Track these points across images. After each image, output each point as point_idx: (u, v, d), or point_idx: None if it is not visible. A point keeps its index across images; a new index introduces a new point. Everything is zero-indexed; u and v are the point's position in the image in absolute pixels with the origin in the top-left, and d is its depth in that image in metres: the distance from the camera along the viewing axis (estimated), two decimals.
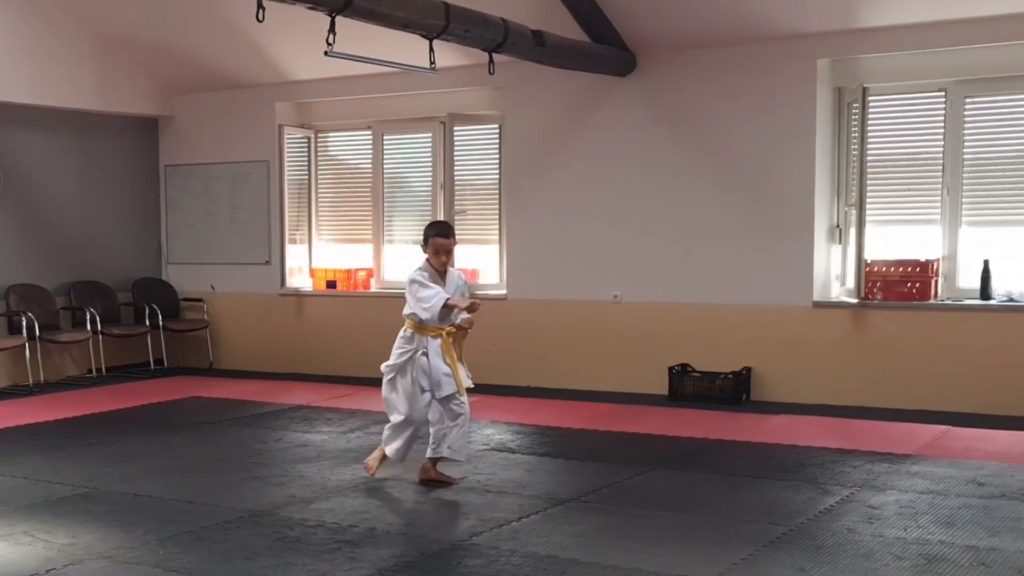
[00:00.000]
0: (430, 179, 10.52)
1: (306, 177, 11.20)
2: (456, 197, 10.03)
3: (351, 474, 6.41)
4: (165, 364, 11.07)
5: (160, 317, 10.93)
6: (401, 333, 6.21)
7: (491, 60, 7.80)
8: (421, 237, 6.29)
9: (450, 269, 6.29)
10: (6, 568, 4.69)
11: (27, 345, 9.79)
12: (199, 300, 11.41)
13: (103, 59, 10.54)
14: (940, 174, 8.45)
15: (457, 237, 9.65)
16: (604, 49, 8.85)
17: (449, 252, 6.24)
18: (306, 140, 11.17)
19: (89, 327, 10.37)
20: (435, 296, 5.99)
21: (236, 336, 11.28)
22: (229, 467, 6.74)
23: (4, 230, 10.20)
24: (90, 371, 10.52)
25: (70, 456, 7.02)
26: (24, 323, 9.79)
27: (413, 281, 6.09)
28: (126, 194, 11.35)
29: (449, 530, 5.22)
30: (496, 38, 7.54)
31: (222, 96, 11.13)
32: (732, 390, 8.77)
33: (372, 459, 6.33)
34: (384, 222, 10.81)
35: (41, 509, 5.68)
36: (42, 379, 9.95)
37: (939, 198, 8.48)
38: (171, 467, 6.73)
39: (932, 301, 8.36)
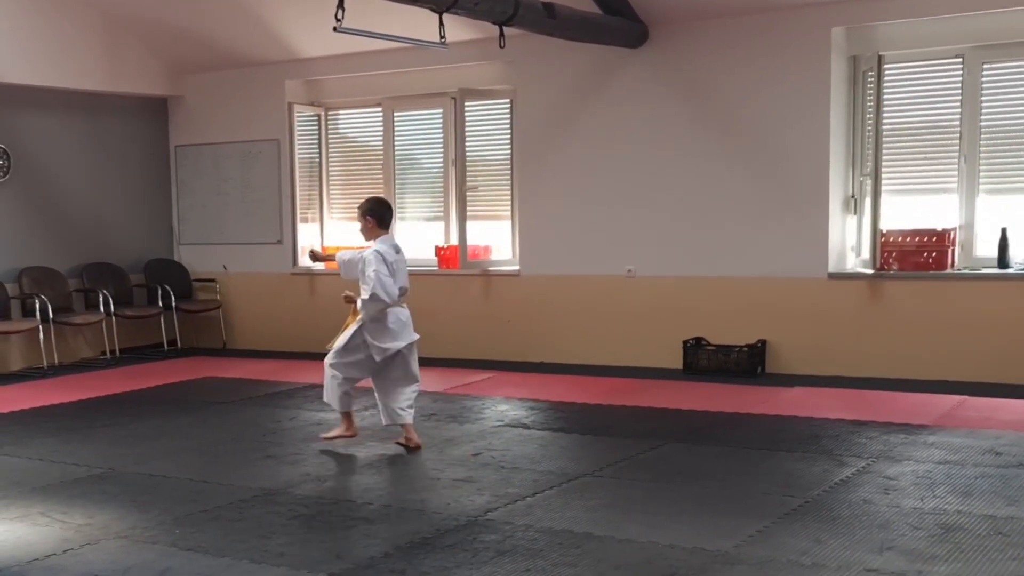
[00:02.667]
0: (441, 155, 10.47)
1: (317, 155, 11.17)
2: (468, 173, 9.98)
3: (365, 452, 6.40)
4: (178, 345, 11.10)
5: (173, 298, 10.95)
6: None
7: (501, 33, 7.73)
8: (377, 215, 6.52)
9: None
10: (24, 548, 4.71)
11: (41, 328, 9.81)
12: (211, 280, 11.42)
13: (111, 39, 10.50)
14: (957, 142, 8.36)
15: (468, 212, 9.85)
16: (616, 21, 8.77)
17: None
18: (316, 118, 11.13)
19: (102, 309, 10.38)
20: None
21: (249, 316, 11.28)
22: (243, 446, 6.74)
23: (15, 213, 10.21)
24: (104, 353, 10.54)
25: (85, 437, 7.04)
26: (37, 306, 9.81)
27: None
28: (137, 175, 11.34)
29: (464, 506, 5.20)
30: (507, 11, 7.47)
31: (231, 75, 11.09)
32: (747, 363, 8.73)
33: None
34: (396, 199, 10.76)
35: (57, 490, 5.69)
36: (56, 361, 9.97)
37: (956, 166, 8.39)
38: (185, 447, 6.74)
39: (949, 271, 8.29)
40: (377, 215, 6.45)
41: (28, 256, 10.23)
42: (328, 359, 6.53)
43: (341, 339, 6.48)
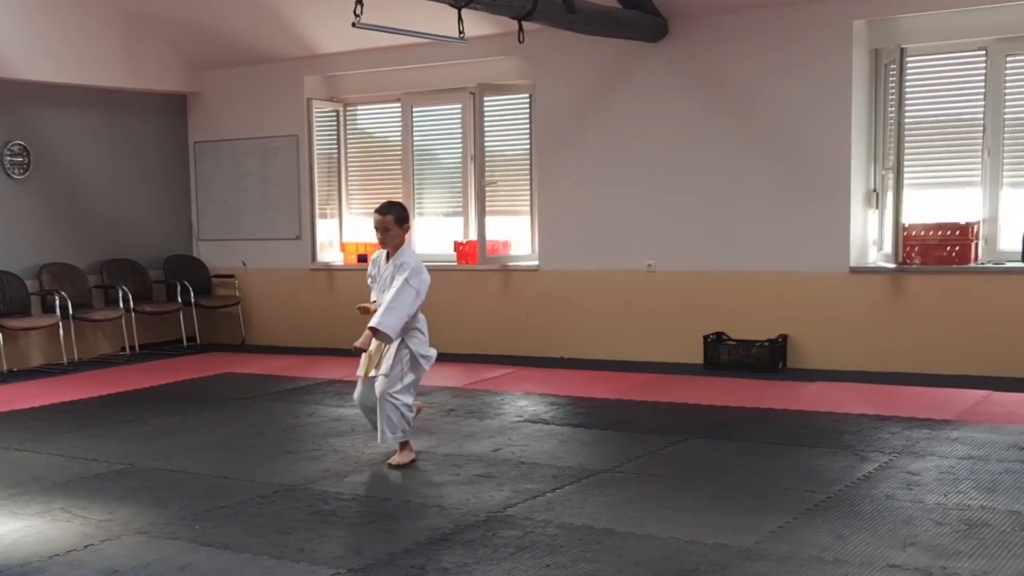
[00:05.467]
0: (460, 150, 10.46)
1: (335, 151, 11.17)
2: (487, 168, 9.96)
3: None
4: (197, 341, 11.12)
5: (192, 294, 10.97)
6: None
7: (521, 28, 7.72)
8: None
9: (403, 250, 5.98)
10: (45, 544, 4.71)
11: (60, 324, 9.84)
12: (230, 276, 11.43)
13: (130, 36, 10.53)
14: (980, 135, 8.29)
15: (487, 207, 9.82)
16: (635, 15, 8.73)
17: (382, 231, 5.94)
18: (335, 113, 11.13)
19: (121, 305, 10.41)
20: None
21: (268, 312, 11.29)
22: (263, 442, 6.74)
23: (35, 209, 10.24)
24: (123, 349, 10.57)
25: (105, 433, 7.05)
26: (57, 302, 9.84)
27: None
28: (156, 171, 11.37)
29: (483, 502, 5.18)
30: (525, 5, 7.44)
31: (250, 71, 11.10)
32: (768, 358, 8.67)
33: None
34: (415, 195, 10.76)
35: (78, 486, 5.70)
36: (76, 357, 10.01)
37: (979, 160, 8.32)
38: (205, 443, 6.74)
39: (972, 265, 8.22)
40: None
41: (48, 252, 10.26)
42: (390, 389, 5.87)
43: (388, 361, 5.89)
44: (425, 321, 6.05)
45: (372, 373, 5.97)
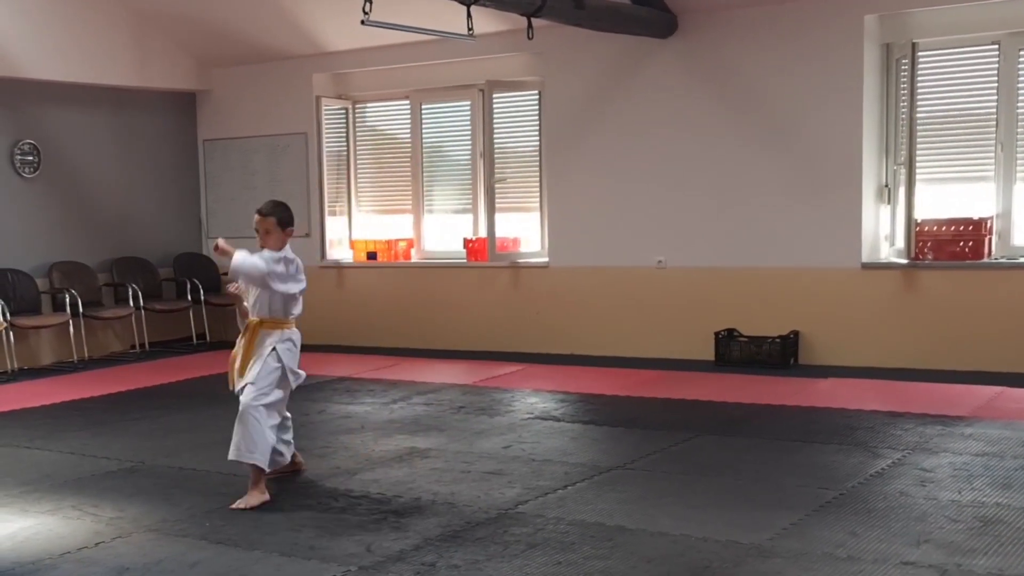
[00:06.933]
0: (469, 147, 10.44)
1: (345, 148, 11.15)
2: (496, 165, 9.94)
3: (395, 445, 6.38)
4: (207, 338, 11.11)
5: (202, 292, 10.97)
6: None
7: (530, 25, 7.69)
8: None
9: (286, 253, 5.65)
10: (56, 541, 4.71)
11: (71, 322, 9.84)
12: None
13: (140, 35, 10.53)
14: (993, 129, 8.25)
15: (496, 204, 9.79)
16: (644, 11, 8.70)
17: (263, 232, 5.66)
18: (344, 111, 11.11)
19: (131, 303, 10.42)
20: None
21: None
22: None
23: (45, 208, 10.24)
24: (133, 347, 10.57)
25: (115, 431, 7.06)
26: (67, 300, 9.85)
27: None
28: (165, 169, 11.37)
29: (494, 499, 5.16)
30: (535, 2, 7.44)
31: (259, 69, 11.09)
32: (780, 354, 8.64)
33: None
34: (424, 192, 10.74)
35: (88, 483, 5.70)
36: (86, 355, 10.00)
37: (992, 154, 8.27)
38: (215, 440, 6.70)
39: (986, 260, 8.18)
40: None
41: (58, 251, 10.27)
42: (255, 402, 5.34)
43: (257, 370, 5.39)
44: (300, 337, 5.59)
45: (239, 384, 5.44)
